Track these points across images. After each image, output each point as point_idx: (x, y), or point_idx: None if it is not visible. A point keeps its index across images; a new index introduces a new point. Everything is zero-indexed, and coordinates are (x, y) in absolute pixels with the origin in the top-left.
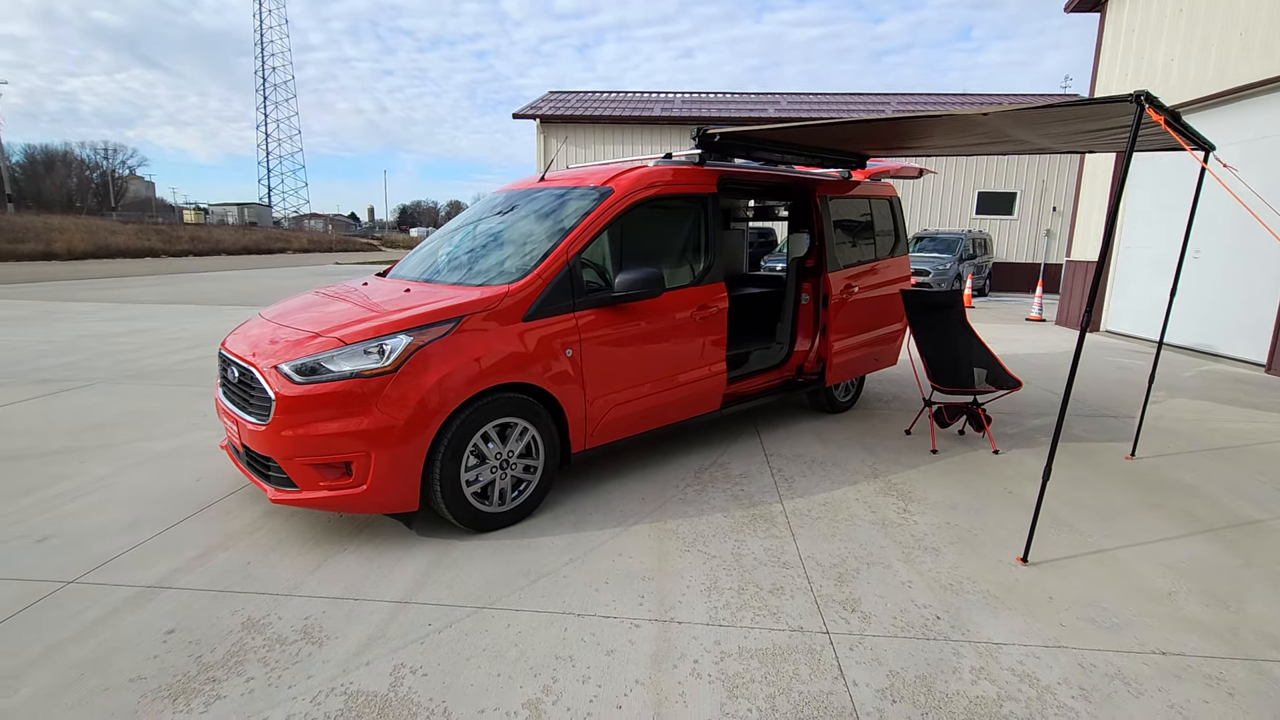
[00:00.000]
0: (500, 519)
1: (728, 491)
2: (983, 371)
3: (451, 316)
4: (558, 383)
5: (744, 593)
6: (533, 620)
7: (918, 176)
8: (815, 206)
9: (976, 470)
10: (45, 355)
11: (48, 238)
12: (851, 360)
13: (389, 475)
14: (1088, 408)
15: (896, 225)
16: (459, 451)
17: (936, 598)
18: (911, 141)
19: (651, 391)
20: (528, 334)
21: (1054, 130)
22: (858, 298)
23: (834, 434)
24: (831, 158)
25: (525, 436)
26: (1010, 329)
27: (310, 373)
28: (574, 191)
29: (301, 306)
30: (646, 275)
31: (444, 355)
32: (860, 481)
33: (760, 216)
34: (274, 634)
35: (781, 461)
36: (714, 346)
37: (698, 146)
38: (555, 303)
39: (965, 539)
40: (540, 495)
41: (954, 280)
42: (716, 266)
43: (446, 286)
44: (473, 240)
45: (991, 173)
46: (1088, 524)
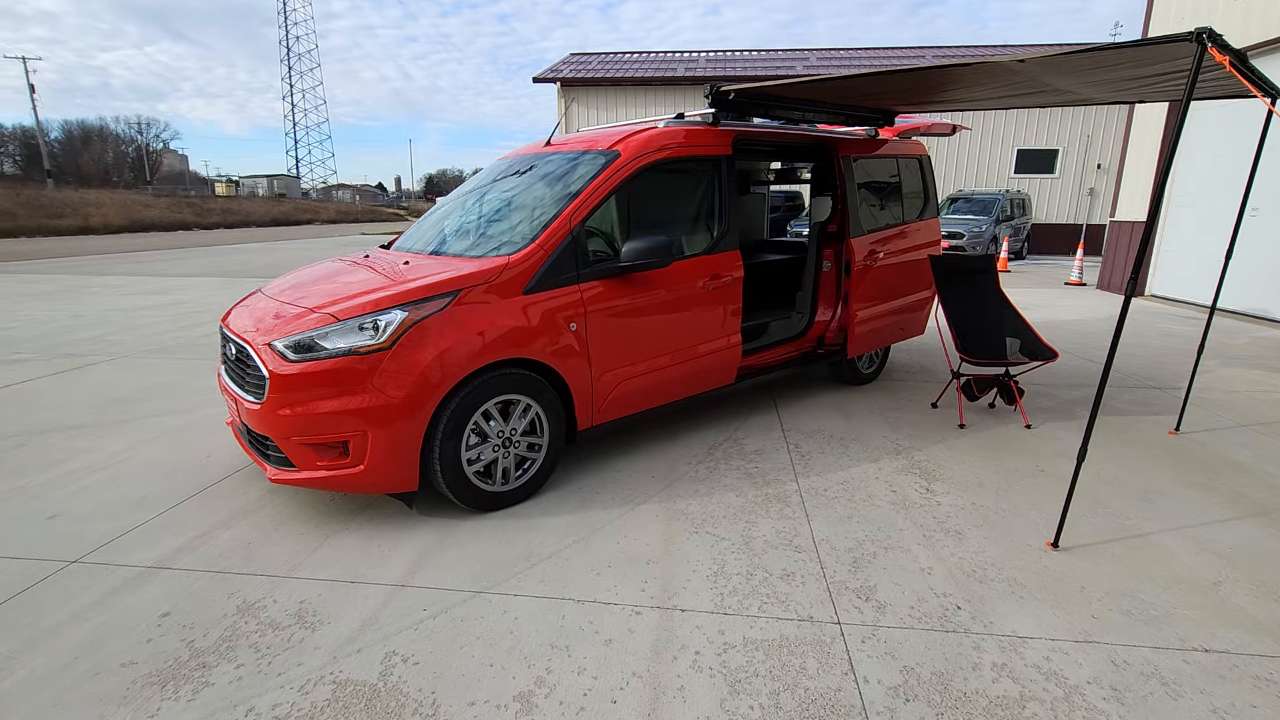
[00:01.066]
0: (504, 498)
1: (741, 469)
2: (1015, 341)
3: (448, 290)
4: (561, 357)
5: (752, 578)
6: (530, 606)
7: (951, 133)
8: (838, 168)
9: (1006, 446)
10: (73, 329)
11: (85, 213)
12: (876, 330)
13: (386, 455)
14: (1131, 378)
15: (926, 186)
16: (459, 430)
17: (957, 586)
18: (941, 95)
19: (662, 366)
20: (529, 307)
21: (1100, 77)
22: (883, 264)
23: (856, 407)
24: (857, 115)
25: (529, 414)
26: (1047, 294)
27: (304, 350)
28: (579, 156)
29: (300, 281)
30: (654, 244)
31: (441, 331)
32: (881, 458)
33: (785, 179)
34: (268, 618)
35: (799, 437)
36: (728, 318)
37: (711, 105)
38: (558, 274)
39: (991, 521)
40: (546, 473)
41: (989, 243)
42: (731, 233)
43: (446, 259)
44: (474, 210)
45: (1032, 129)
46: (1126, 506)
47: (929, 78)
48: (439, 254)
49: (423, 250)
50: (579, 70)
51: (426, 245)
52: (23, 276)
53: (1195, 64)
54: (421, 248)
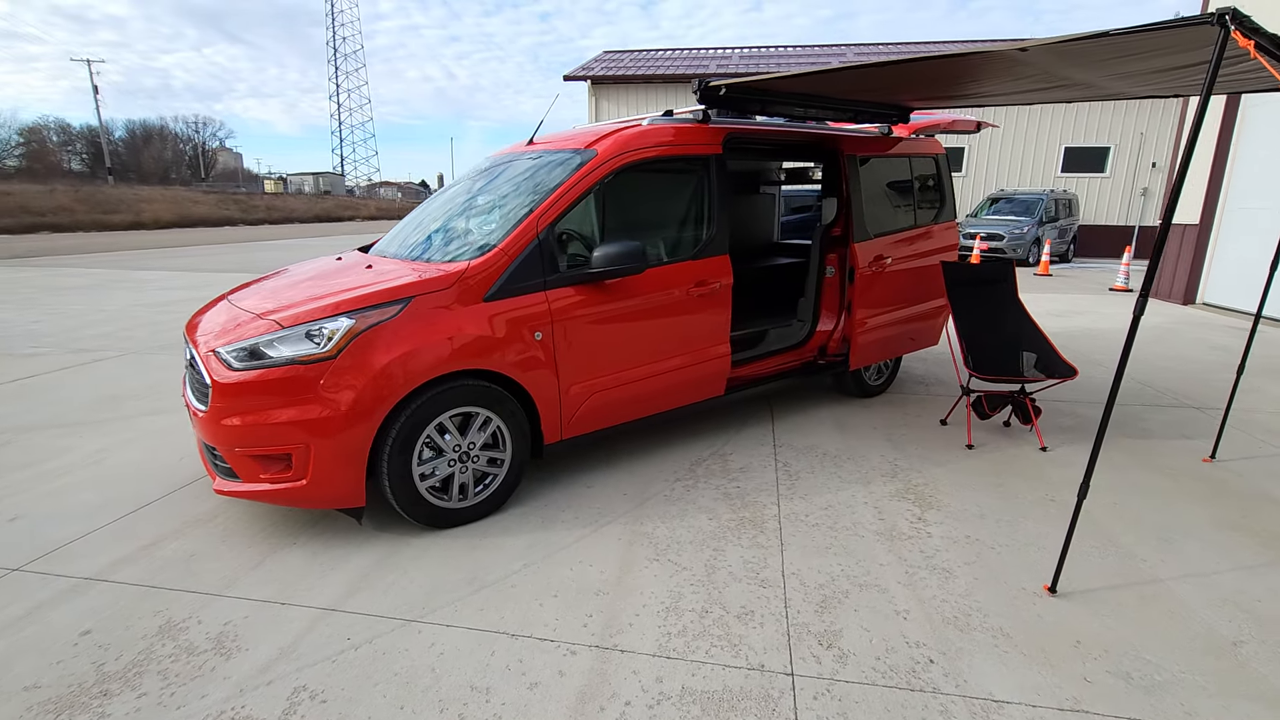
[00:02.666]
0: (461, 515)
1: (721, 489)
2: (1032, 356)
3: (399, 298)
4: (525, 368)
5: (706, 616)
6: (461, 639)
7: (975, 130)
8: (842, 167)
9: (1016, 471)
10: (92, 324)
11: (137, 209)
12: (881, 341)
13: (331, 469)
14: (1167, 396)
15: (942, 187)
16: (410, 443)
17: (935, 634)
18: (952, 90)
19: (639, 377)
20: (489, 315)
21: (1122, 69)
22: (892, 270)
23: (857, 422)
24: (868, 111)
25: (489, 427)
26: (1088, 300)
27: (248, 357)
28: (554, 156)
29: (264, 285)
30: (626, 249)
31: (390, 340)
32: (875, 481)
33: (799, 180)
34: (186, 641)
35: (790, 454)
36: (715, 327)
37: (700, 101)
38: (522, 280)
39: (985, 559)
40: (508, 489)
41: (1030, 246)
42: (720, 237)
43: (412, 263)
44: (448, 213)
45: (1080, 125)
46: (1144, 545)
47: (924, 70)
48: (408, 258)
49: (394, 253)
50: (610, 68)
51: (399, 248)
52: (67, 270)
53: (1217, 50)
54: (394, 251)
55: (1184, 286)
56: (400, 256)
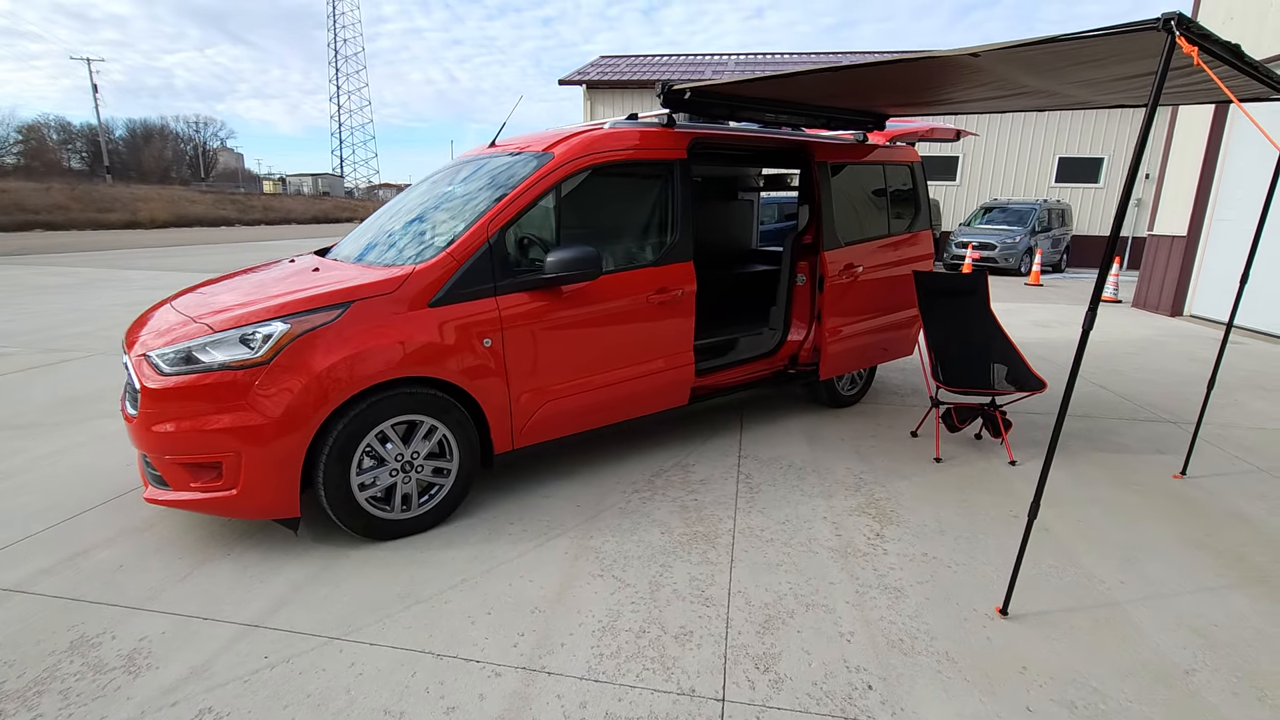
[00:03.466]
0: (404, 526)
1: (678, 501)
2: (1003, 369)
3: (338, 302)
4: (473, 376)
5: (643, 636)
6: (383, 659)
7: (955, 139)
8: (813, 174)
9: (982, 485)
10: (68, 324)
11: (133, 207)
12: (852, 350)
13: (262, 479)
14: (1145, 410)
15: (917, 195)
16: (347, 453)
17: (877, 658)
18: (920, 96)
19: (596, 385)
20: (434, 321)
21: (1079, 77)
22: (864, 279)
23: (827, 433)
24: (843, 118)
25: (434, 436)
26: (1076, 311)
27: (178, 362)
28: (511, 159)
29: (205, 289)
30: (580, 255)
31: (328, 345)
32: (837, 495)
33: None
34: (96, 659)
35: (754, 465)
36: (677, 335)
37: (664, 105)
38: (471, 285)
39: (939, 577)
40: (455, 500)
41: (1023, 255)
42: (683, 243)
43: (360, 266)
44: (405, 216)
45: (1075, 136)
46: (1103, 565)
47: (884, 75)
48: (359, 261)
49: (347, 256)
50: (606, 73)
51: (352, 251)
52: (54, 268)
53: (1164, 58)
54: (348, 254)
55: (1171, 298)
56: (352, 259)
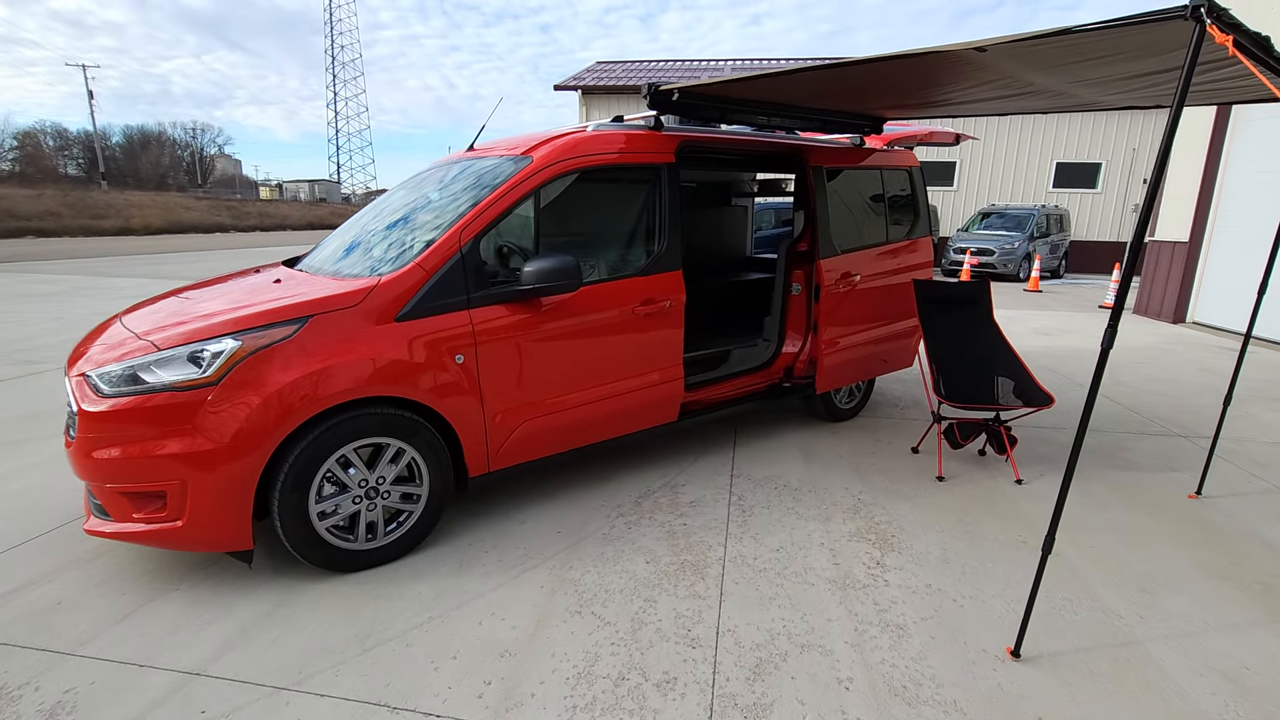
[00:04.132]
0: (369, 557)
1: (666, 526)
2: (1008, 383)
3: (295, 317)
4: (444, 395)
5: (621, 685)
6: (333, 712)
7: (954, 143)
8: (808, 179)
9: (987, 508)
10: (49, 334)
11: (127, 214)
12: (850, 362)
13: (210, 509)
14: (1155, 424)
15: (917, 201)
16: (305, 480)
17: (879, 709)
18: (918, 97)
19: (578, 403)
20: (401, 337)
21: (1089, 74)
22: (862, 288)
23: (825, 449)
24: (839, 121)
25: (402, 459)
26: (1077, 318)
27: (121, 382)
28: (487, 164)
29: (158, 303)
30: (558, 265)
31: (283, 363)
32: (835, 518)
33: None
34: (14, 714)
35: (747, 486)
36: (665, 348)
37: (650, 106)
38: (441, 298)
39: (945, 613)
40: (426, 527)
41: (1021, 261)
42: (671, 252)
43: (325, 278)
44: (376, 223)
45: (1073, 141)
46: (1121, 597)
47: (880, 73)
48: (326, 271)
49: (315, 267)
50: (602, 78)
51: (320, 261)
52: (41, 276)
53: (1192, 49)
54: (316, 264)
55: (1174, 304)
56: (320, 270)
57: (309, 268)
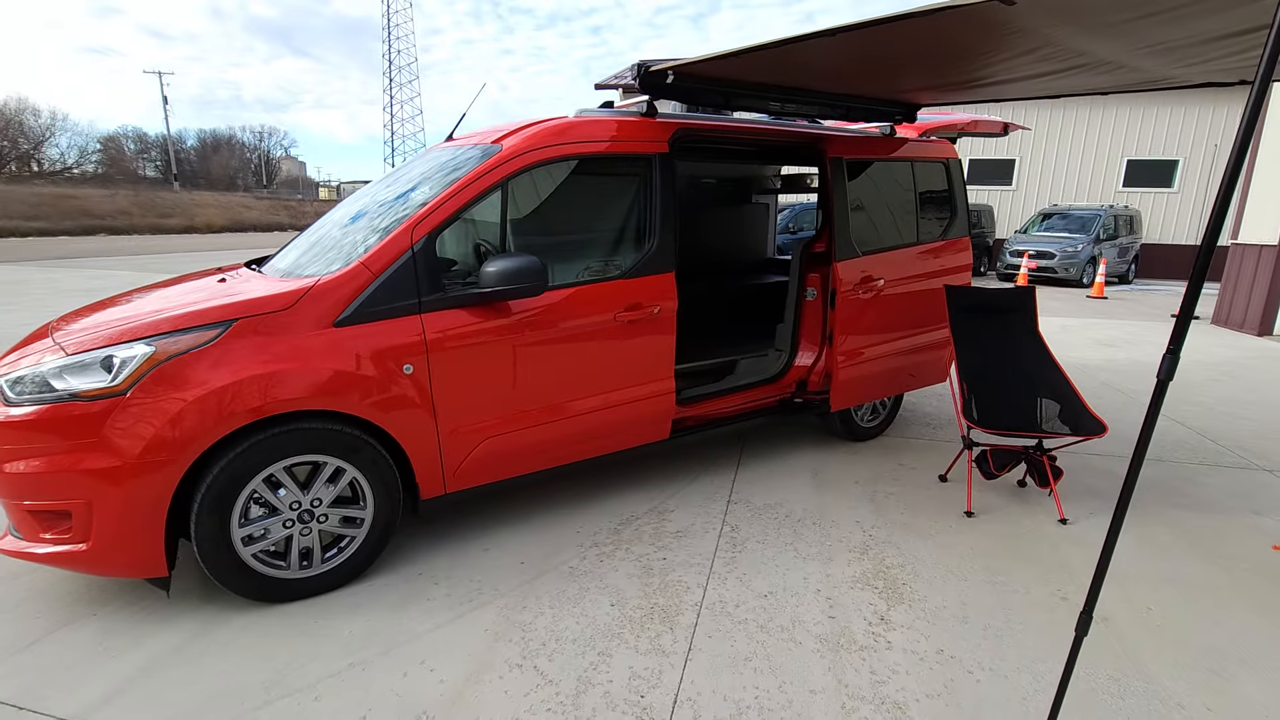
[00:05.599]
0: (303, 586)
1: (643, 560)
2: (1053, 406)
3: (217, 320)
4: (389, 409)
5: None
6: None
7: (1002, 133)
8: (826, 172)
9: (1022, 552)
10: None
11: (191, 213)
12: (871, 377)
13: (117, 531)
14: (1230, 454)
15: (954, 197)
16: (226, 501)
17: None
18: (954, 75)
19: (549, 419)
20: (339, 344)
21: (1159, 37)
22: (888, 293)
23: (838, 473)
24: (865, 108)
25: (342, 479)
26: (1144, 328)
27: (29, 390)
28: (456, 154)
29: (98, 305)
30: (520, 265)
31: (200, 372)
32: (839, 558)
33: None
34: None
35: (745, 514)
36: (653, 358)
37: (641, 89)
38: (389, 301)
39: (958, 690)
40: (370, 553)
41: (1085, 265)
42: (662, 253)
43: (273, 279)
44: (339, 220)
45: (1145, 137)
46: (1184, 678)
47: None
48: (282, 272)
49: (276, 267)
50: None
51: (280, 261)
52: (96, 271)
53: None
54: (275, 264)
55: (1259, 315)
56: (277, 270)
57: (269, 268)
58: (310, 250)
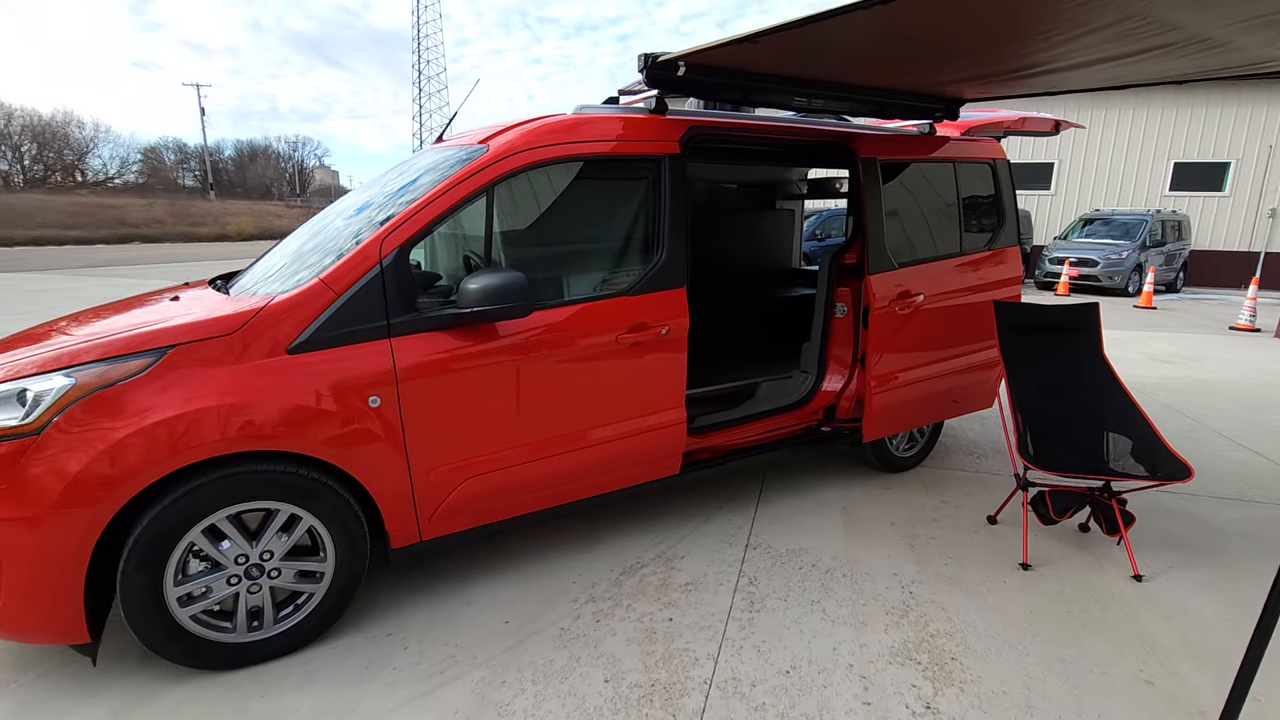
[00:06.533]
0: (252, 651)
1: (645, 621)
2: (1123, 442)
3: (149, 348)
4: (351, 447)
5: None
6: None
7: (1053, 132)
8: (857, 175)
9: (1091, 618)
10: None
11: (223, 221)
12: (908, 403)
13: (28, 591)
14: None
15: (1002, 202)
16: (157, 556)
17: None
18: (1006, 62)
19: (541, 455)
20: (292, 373)
21: (1275, 3)
22: (927, 309)
23: (872, 512)
24: (902, 103)
25: (297, 528)
26: (1203, 341)
27: None
28: (437, 156)
29: (43, 325)
30: (503, 283)
31: (127, 408)
32: (874, 621)
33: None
34: None
35: (765, 563)
36: (661, 384)
37: (648, 83)
38: (353, 324)
39: None
40: (332, 611)
41: (1130, 273)
42: (672, 266)
43: (232, 299)
44: (316, 231)
45: (1194, 138)
46: None
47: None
48: (247, 289)
49: (241, 285)
50: None
51: (248, 278)
52: (124, 280)
53: None
54: (244, 281)
55: None
56: (243, 288)
57: (240, 285)
58: (276, 264)
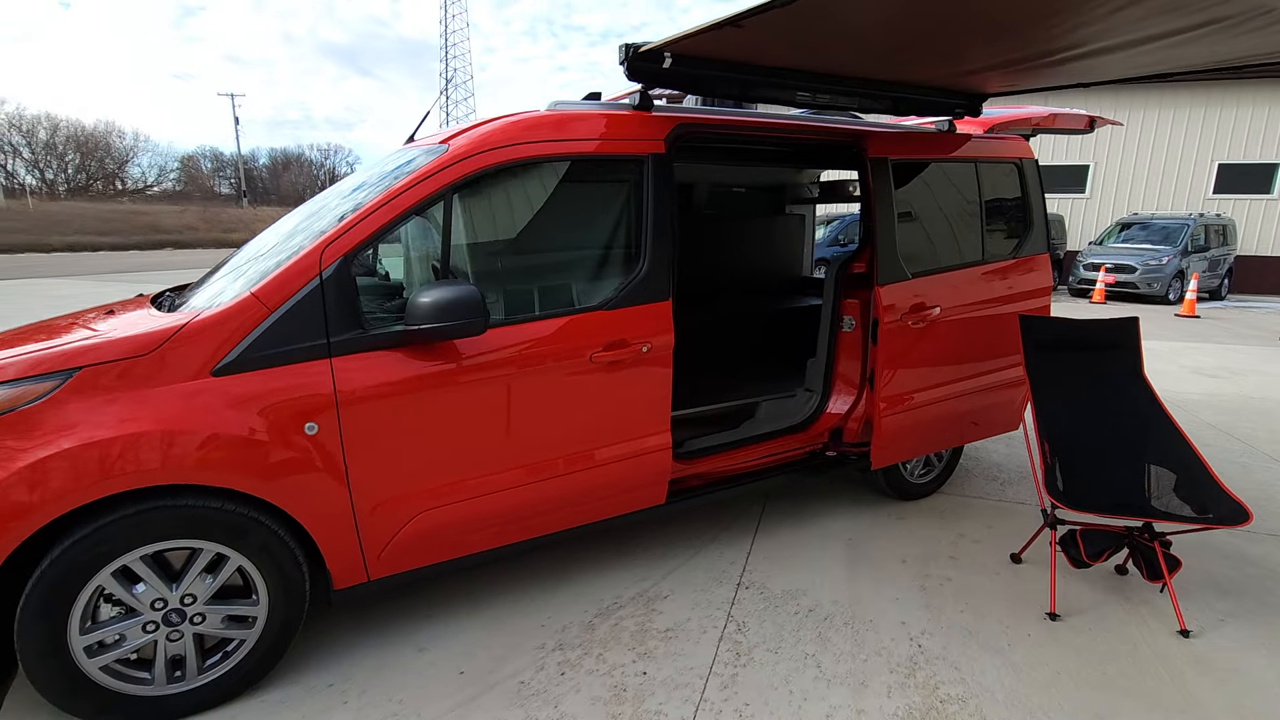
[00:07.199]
0: (172, 705)
1: (615, 675)
2: (1166, 477)
3: (53, 370)
4: (284, 477)
5: None
6: None
7: (1087, 129)
8: (865, 177)
9: (1130, 681)
10: None
11: (254, 228)
12: (920, 426)
13: None
14: None
15: (1029, 206)
16: (60, 602)
17: None
18: (1034, 45)
19: (506, 485)
20: (217, 398)
21: None
22: (944, 323)
23: (881, 546)
24: (918, 99)
25: (224, 568)
26: (1252, 353)
27: None
28: (395, 158)
29: None
30: (454, 297)
31: (26, 436)
32: (875, 680)
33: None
34: None
35: (756, 606)
36: (642, 406)
37: (629, 76)
38: (288, 342)
39: None
40: (265, 657)
41: (1171, 280)
42: (655, 278)
43: (152, 315)
44: (270, 237)
45: (1239, 138)
46: None
47: None
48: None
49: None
50: None
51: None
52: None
53: None
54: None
55: None
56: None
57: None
58: (220, 278)
